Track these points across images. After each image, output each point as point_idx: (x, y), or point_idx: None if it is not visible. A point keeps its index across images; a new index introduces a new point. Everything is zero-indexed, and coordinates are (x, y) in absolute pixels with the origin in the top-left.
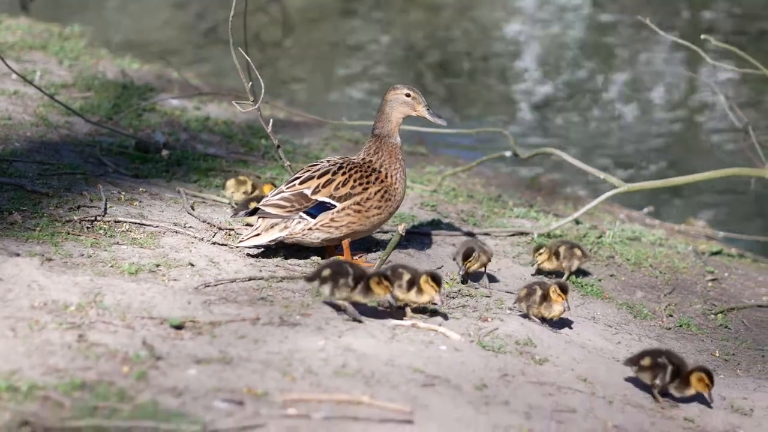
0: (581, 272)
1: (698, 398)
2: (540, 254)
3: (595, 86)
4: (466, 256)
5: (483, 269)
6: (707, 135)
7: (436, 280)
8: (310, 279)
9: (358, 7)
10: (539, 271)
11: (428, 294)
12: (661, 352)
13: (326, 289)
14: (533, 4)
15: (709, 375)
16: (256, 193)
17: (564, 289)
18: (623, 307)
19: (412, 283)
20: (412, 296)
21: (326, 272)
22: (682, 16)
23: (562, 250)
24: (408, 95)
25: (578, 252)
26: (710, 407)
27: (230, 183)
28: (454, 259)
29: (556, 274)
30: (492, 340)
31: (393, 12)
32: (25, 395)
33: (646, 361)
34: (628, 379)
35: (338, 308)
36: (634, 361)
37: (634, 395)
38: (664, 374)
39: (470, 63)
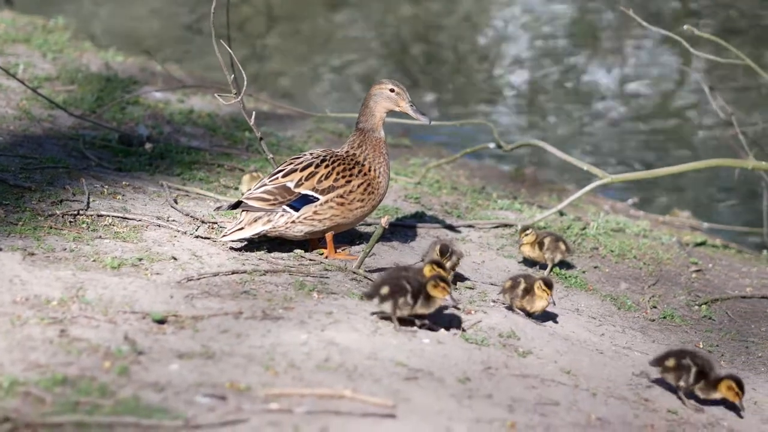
0: (565, 264)
1: (721, 402)
2: (526, 235)
3: (581, 78)
4: (443, 252)
5: (452, 270)
6: (691, 126)
7: (443, 280)
8: (369, 296)
9: None
10: (523, 256)
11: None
12: (685, 353)
13: (387, 307)
14: None
15: (740, 384)
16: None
17: (549, 285)
18: (607, 299)
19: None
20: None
21: (385, 290)
22: (670, 5)
23: (546, 241)
24: (392, 90)
25: (562, 245)
26: (740, 416)
27: (245, 179)
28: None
29: (539, 264)
30: (475, 333)
31: (378, 3)
32: (6, 391)
33: (670, 362)
34: (612, 371)
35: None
36: (658, 361)
37: (617, 387)
38: (688, 376)
39: (455, 55)
